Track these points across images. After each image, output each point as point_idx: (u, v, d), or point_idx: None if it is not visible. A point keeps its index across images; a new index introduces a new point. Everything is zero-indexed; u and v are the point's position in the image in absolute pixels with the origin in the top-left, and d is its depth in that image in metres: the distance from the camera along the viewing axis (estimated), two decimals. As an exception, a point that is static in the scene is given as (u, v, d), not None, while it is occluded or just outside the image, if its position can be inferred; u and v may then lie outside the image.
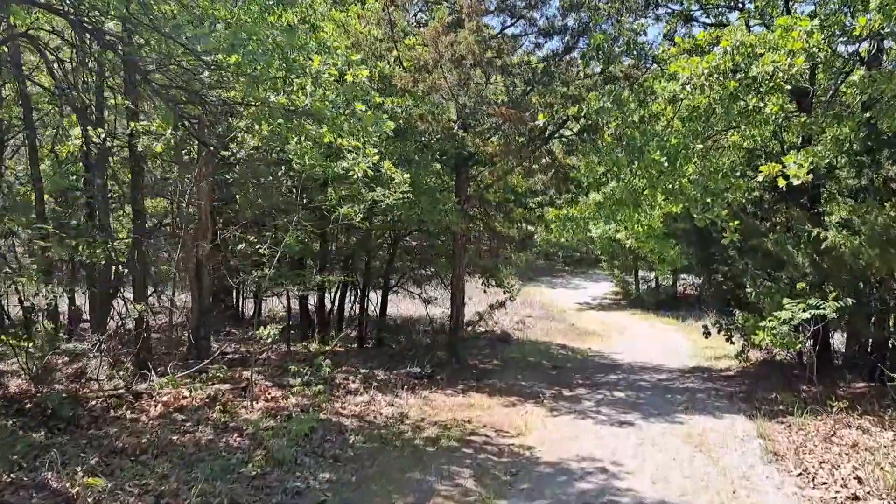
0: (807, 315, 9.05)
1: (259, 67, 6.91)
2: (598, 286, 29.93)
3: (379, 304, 13.70)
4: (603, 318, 22.56)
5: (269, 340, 10.64)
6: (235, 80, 7.38)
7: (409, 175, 9.66)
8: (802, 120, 9.75)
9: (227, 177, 11.55)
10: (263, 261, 13.13)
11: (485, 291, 14.96)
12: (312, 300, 14.31)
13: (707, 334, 12.27)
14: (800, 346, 9.37)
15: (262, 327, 10.29)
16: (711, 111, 10.70)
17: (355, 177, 8.60)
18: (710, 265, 12.20)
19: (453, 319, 12.02)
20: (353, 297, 14.38)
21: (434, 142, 10.83)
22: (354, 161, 8.48)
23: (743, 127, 9.58)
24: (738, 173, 11.47)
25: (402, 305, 16.69)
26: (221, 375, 9.51)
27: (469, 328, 14.14)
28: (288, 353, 12.20)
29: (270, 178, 11.78)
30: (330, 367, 10.14)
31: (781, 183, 8.24)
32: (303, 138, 8.24)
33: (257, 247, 10.88)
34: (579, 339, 17.20)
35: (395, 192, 9.06)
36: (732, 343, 11.90)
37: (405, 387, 10.13)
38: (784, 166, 8.35)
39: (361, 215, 9.13)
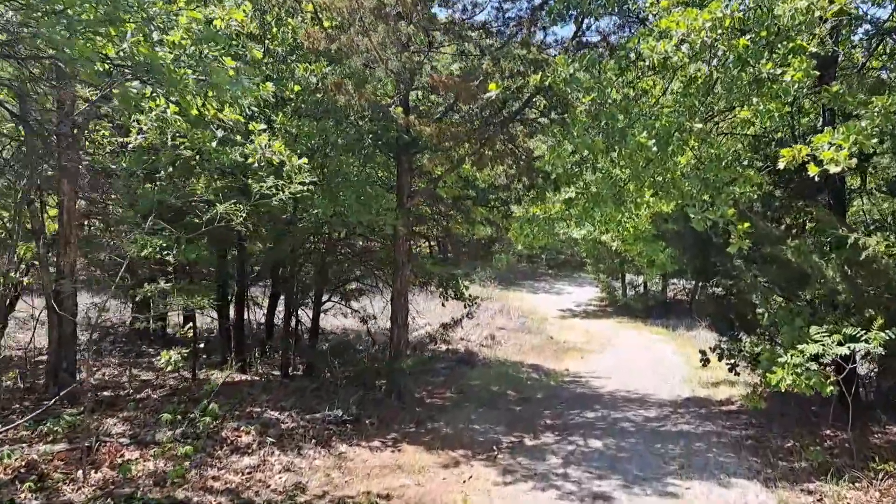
0: (845, 350, 6.63)
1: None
2: (583, 291, 27.47)
3: (311, 321, 11.16)
4: (587, 328, 20.10)
5: (170, 369, 8.25)
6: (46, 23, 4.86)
7: (324, 162, 7.18)
8: (834, 90, 7.29)
9: (110, 166, 9.01)
10: (169, 269, 10.68)
11: (443, 304, 12.47)
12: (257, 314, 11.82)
13: (705, 362, 9.81)
14: (832, 390, 6.93)
15: (165, 351, 7.91)
16: (714, 81, 8.28)
17: (254, 165, 6.18)
18: (708, 276, 9.76)
19: (393, 343, 9.53)
20: (296, 309, 11.82)
21: (360, 120, 8.32)
22: (249, 146, 6.07)
23: (755, 101, 7.10)
24: (746, 162, 9.04)
25: (349, 322, 14.16)
26: (60, 430, 6.98)
27: (418, 351, 11.66)
28: (192, 384, 9.68)
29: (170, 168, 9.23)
30: (215, 413, 7.61)
31: (813, 171, 5.83)
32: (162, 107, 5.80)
33: (135, 252, 8.38)
34: (556, 356, 14.72)
35: (292, 184, 6.54)
36: (737, 374, 9.45)
37: (317, 438, 7.62)
38: (814, 149, 5.95)
39: (244, 214, 6.60)
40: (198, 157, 6.76)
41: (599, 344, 17.26)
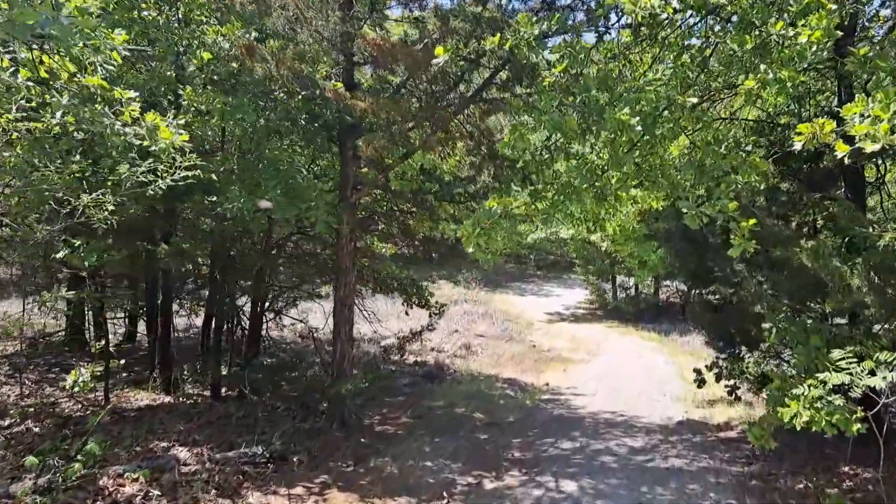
0: (879, 381, 5.16)
1: None
2: (572, 293, 25.97)
3: (248, 334, 9.60)
4: (574, 333, 18.60)
5: (76, 390, 6.91)
6: None
7: (242, 146, 5.69)
8: (862, 52, 5.78)
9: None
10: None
11: (407, 313, 10.94)
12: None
13: (700, 382, 8.32)
14: (859, 428, 5.45)
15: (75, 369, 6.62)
16: (712, 48, 6.82)
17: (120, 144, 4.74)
18: (704, 283, 8.26)
19: (336, 362, 8.02)
20: (232, 320, 10.25)
21: (290, 97, 6.79)
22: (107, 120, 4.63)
23: (763, 68, 5.60)
24: (749, 148, 7.54)
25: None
26: None
27: (379, 366, 10.14)
28: (101, 409, 8.14)
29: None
30: (95, 454, 6.08)
31: (842, 150, 4.36)
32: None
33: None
34: (536, 368, 13.20)
35: (176, 170, 5.03)
36: (738, 399, 7.95)
37: (223, 486, 6.09)
38: (841, 122, 4.51)
39: (112, 205, 5.10)
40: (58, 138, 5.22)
41: (586, 352, 15.76)
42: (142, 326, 11.21)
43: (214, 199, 7.06)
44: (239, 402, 8.81)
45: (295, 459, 6.90)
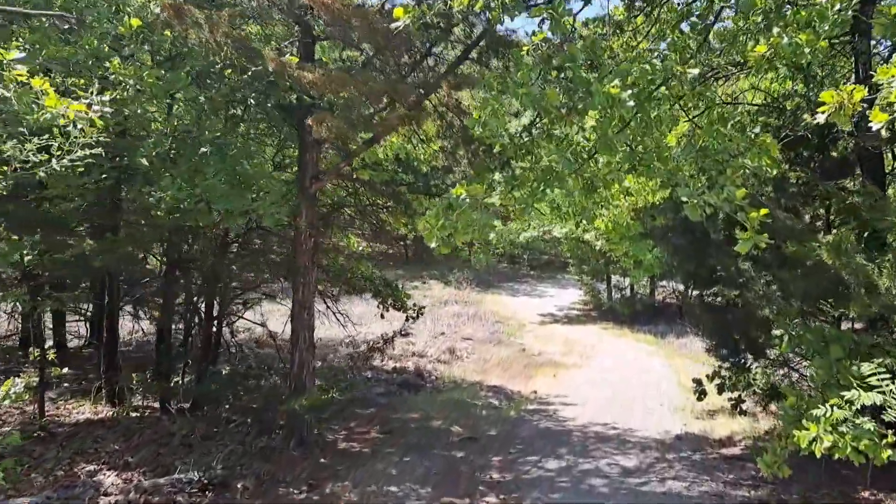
0: (921, 403, 4.29)
1: None
2: (566, 294, 25.05)
3: (203, 339, 8.66)
4: (567, 335, 17.70)
5: (6, 402, 5.96)
6: None
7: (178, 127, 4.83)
8: (895, 11, 4.89)
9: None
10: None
11: (382, 316, 10.02)
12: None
13: (701, 394, 7.43)
14: (889, 455, 4.58)
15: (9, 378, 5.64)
16: (716, 12, 5.99)
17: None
18: (705, 283, 7.37)
19: (294, 373, 7.11)
20: (188, 325, 9.30)
21: (237, 72, 5.89)
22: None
23: (776, 31, 4.71)
24: (758, 129, 6.64)
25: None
26: None
27: (353, 374, 9.24)
28: (33, 423, 7.23)
29: None
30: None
31: (879, 120, 3.54)
32: None
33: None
34: (526, 373, 12.29)
35: (74, 148, 4.13)
36: (742, 413, 7.07)
37: (148, 521, 5.21)
38: (874, 90, 3.70)
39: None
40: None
41: (579, 355, 14.86)
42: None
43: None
44: (190, 417, 7.90)
45: (239, 486, 5.99)
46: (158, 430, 7.22)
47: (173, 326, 8.38)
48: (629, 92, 4.98)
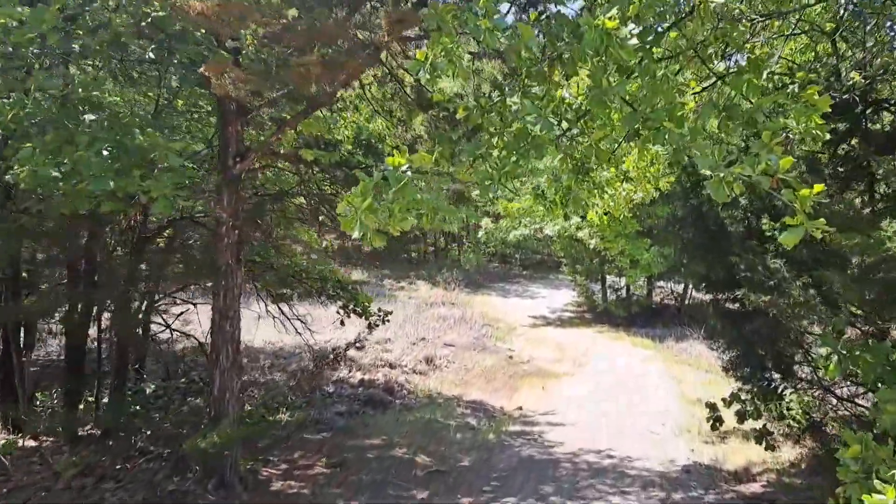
0: None
1: None
2: (559, 295, 23.61)
3: (117, 350, 7.15)
4: (559, 339, 16.27)
5: None
6: None
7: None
8: None
9: None
10: None
11: (342, 323, 8.53)
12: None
13: (715, 421, 5.99)
14: None
15: None
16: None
17: None
18: (724, 285, 5.92)
19: (214, 398, 5.64)
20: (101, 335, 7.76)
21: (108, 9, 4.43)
22: None
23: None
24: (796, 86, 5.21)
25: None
26: None
27: (314, 391, 7.76)
28: None
29: None
30: None
31: None
32: None
33: None
34: (510, 386, 10.84)
35: None
36: (772, 450, 5.62)
37: None
38: None
39: None
40: None
41: (571, 363, 13.43)
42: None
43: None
44: (99, 447, 6.42)
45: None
46: (46, 468, 5.74)
47: (81, 338, 6.88)
48: (631, 28, 3.54)
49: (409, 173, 3.61)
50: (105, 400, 7.11)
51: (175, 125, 7.08)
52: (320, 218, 7.53)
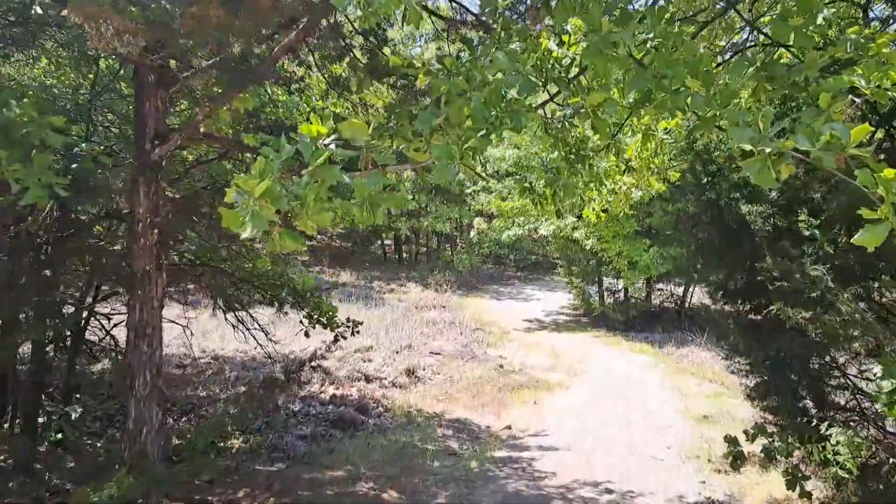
0: None
1: None
2: (554, 297, 22.59)
3: (33, 368, 6.08)
4: (554, 345, 15.23)
5: None
6: None
7: None
8: None
9: None
10: None
11: (307, 335, 7.46)
12: None
13: (736, 458, 4.96)
14: None
15: None
16: None
17: None
18: (744, 294, 4.89)
19: (128, 433, 4.60)
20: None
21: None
22: None
23: None
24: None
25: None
26: None
27: (278, 410, 6.70)
28: None
29: None
30: None
31: None
32: None
33: None
34: (499, 401, 9.78)
35: None
36: (808, 497, 4.60)
37: None
38: None
39: None
40: None
41: (566, 372, 12.38)
42: None
43: None
44: (19, 477, 5.35)
45: None
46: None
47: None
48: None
49: (333, 147, 2.56)
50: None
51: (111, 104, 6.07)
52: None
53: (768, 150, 2.40)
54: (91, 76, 5.56)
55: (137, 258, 4.58)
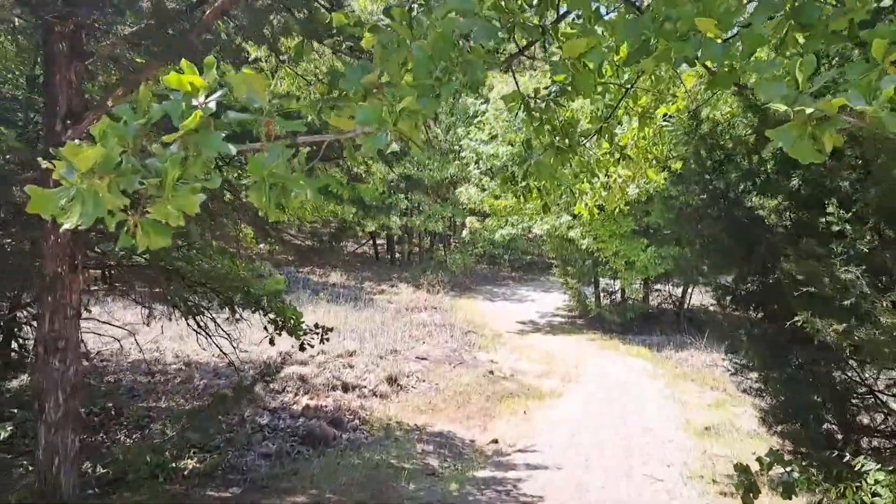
0: None
1: None
2: (549, 298, 21.89)
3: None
4: (548, 348, 14.54)
5: None
6: None
7: None
8: None
9: None
10: None
11: (272, 342, 6.75)
12: None
13: (749, 493, 4.28)
14: None
15: None
16: None
17: None
18: (758, 298, 4.18)
19: (38, 461, 3.91)
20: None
21: None
22: None
23: None
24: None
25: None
26: None
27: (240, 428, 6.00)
28: None
29: None
30: None
31: None
32: None
33: None
34: (486, 411, 9.08)
35: None
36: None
37: None
38: None
39: None
40: None
41: (559, 378, 11.70)
42: None
43: None
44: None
45: None
46: None
47: None
48: None
49: (212, 105, 1.84)
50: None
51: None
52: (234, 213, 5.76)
53: (809, 110, 1.71)
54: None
55: (48, 259, 3.87)
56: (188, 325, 7.14)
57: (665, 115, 6.03)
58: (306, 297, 17.58)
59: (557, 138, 4.28)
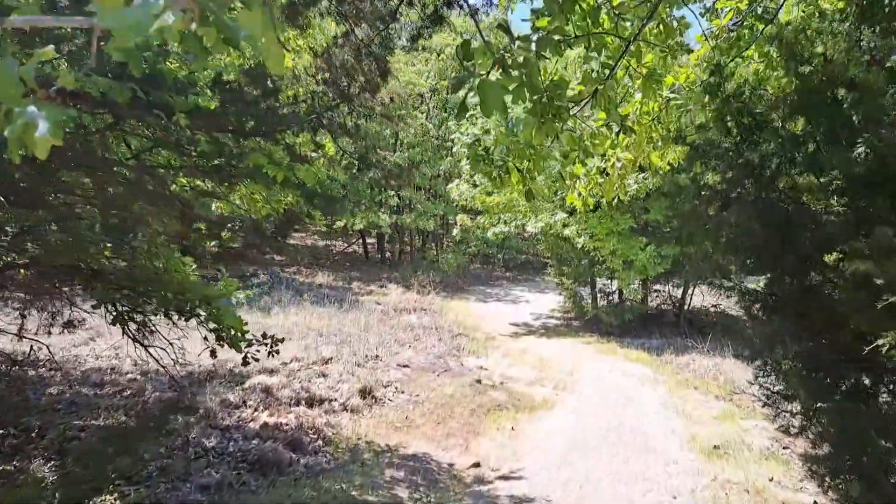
0: None
1: None
2: (544, 299, 20.90)
3: None
4: (541, 352, 13.53)
5: None
6: None
7: None
8: None
9: None
10: None
11: (213, 355, 5.73)
12: None
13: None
14: None
15: None
16: None
17: None
18: (802, 311, 3.20)
19: None
20: None
21: None
22: None
23: None
24: None
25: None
26: None
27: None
28: None
29: None
30: None
31: None
32: None
33: None
34: (469, 427, 8.06)
35: None
36: None
37: None
38: None
39: None
40: None
41: (552, 386, 10.70)
42: None
43: None
44: None
45: None
46: None
47: None
48: None
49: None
50: None
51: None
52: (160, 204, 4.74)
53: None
54: None
55: None
56: (123, 332, 6.13)
57: (672, 84, 5.04)
58: (288, 299, 16.59)
59: (542, 100, 3.27)
